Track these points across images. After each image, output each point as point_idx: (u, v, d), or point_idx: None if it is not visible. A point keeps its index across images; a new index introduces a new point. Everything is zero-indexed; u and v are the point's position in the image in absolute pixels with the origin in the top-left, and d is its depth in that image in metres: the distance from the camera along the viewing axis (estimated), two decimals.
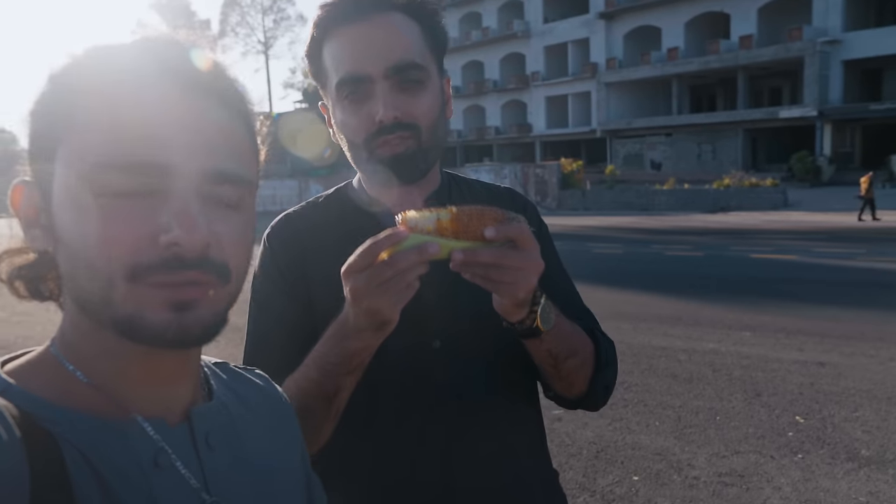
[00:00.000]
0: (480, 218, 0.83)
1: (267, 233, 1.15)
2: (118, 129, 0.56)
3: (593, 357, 1.10)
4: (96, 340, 0.60)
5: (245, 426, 0.72)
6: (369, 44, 1.00)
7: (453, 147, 46.38)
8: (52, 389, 0.60)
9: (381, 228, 1.04)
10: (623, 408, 4.70)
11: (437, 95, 1.07)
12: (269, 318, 1.10)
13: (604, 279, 10.04)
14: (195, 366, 0.68)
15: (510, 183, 28.18)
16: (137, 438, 0.61)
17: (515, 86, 42.43)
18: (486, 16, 44.37)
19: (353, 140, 1.05)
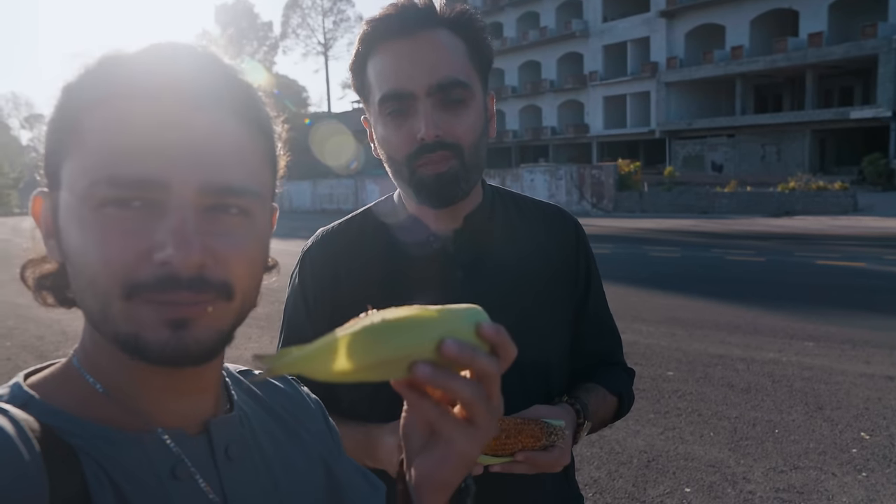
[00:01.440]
0: (518, 436, 0.93)
1: (303, 251, 1.17)
2: (118, 145, 0.55)
3: (615, 411, 1.22)
4: (111, 353, 0.60)
5: (267, 435, 0.71)
6: (413, 61, 1.00)
7: (508, 147, 46.20)
8: (73, 402, 0.60)
9: (417, 251, 1.08)
10: (676, 417, 4.60)
11: (480, 114, 1.05)
12: (293, 337, 1.15)
13: (660, 283, 9.83)
14: (215, 377, 0.67)
15: (565, 184, 27.88)
16: (156, 450, 0.60)
17: (573, 85, 41.92)
18: (544, 15, 44.00)
19: (394, 157, 1.04)
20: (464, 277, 1.09)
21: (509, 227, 1.16)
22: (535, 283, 1.13)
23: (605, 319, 1.26)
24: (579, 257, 1.20)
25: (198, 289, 0.55)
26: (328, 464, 0.78)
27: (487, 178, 1.19)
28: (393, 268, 1.10)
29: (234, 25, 51.30)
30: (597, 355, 1.24)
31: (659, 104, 37.72)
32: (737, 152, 35.64)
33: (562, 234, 1.19)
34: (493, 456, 0.93)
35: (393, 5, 1.03)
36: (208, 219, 0.56)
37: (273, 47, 53.21)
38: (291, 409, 0.77)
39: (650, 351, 6.27)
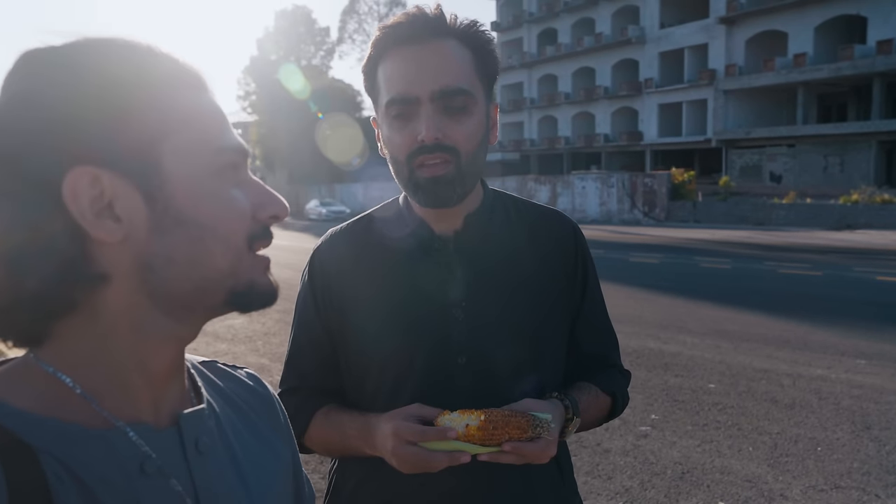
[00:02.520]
0: (505, 427, 0.98)
1: (312, 252, 1.24)
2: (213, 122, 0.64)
3: (608, 410, 1.26)
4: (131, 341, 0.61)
5: (233, 429, 0.72)
6: (419, 67, 1.05)
7: (560, 154, 45.87)
8: (33, 401, 0.59)
9: (419, 250, 1.16)
10: (715, 429, 4.52)
11: (481, 122, 1.10)
12: (303, 335, 1.22)
13: (708, 295, 9.63)
14: (183, 364, 0.69)
15: (617, 192, 27.53)
16: (123, 446, 0.60)
17: (627, 92, 41.35)
18: (599, 21, 43.56)
19: (396, 157, 1.09)
20: (462, 275, 1.14)
21: (508, 229, 1.20)
22: (531, 282, 1.17)
23: (601, 322, 1.29)
24: (577, 260, 1.23)
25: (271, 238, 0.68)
26: (293, 461, 0.81)
27: (537, 183, 1.24)
28: (396, 267, 1.15)
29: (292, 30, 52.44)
30: (592, 357, 1.27)
31: (716, 112, 36.86)
32: (797, 163, 34.52)
33: (560, 237, 1.23)
34: (480, 446, 0.98)
35: (405, 14, 1.09)
36: None
37: (329, 52, 54.10)
38: (254, 403, 0.79)
39: (693, 363, 6.16)
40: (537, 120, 47.86)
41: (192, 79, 0.64)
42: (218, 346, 7.08)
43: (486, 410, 0.99)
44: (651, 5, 40.42)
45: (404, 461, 0.99)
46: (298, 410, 1.18)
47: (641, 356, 6.42)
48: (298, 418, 1.17)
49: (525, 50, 48.58)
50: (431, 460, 0.97)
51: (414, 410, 1.02)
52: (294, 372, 1.23)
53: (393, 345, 1.12)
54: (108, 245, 0.58)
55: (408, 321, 1.12)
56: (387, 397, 1.10)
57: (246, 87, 52.82)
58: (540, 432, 0.99)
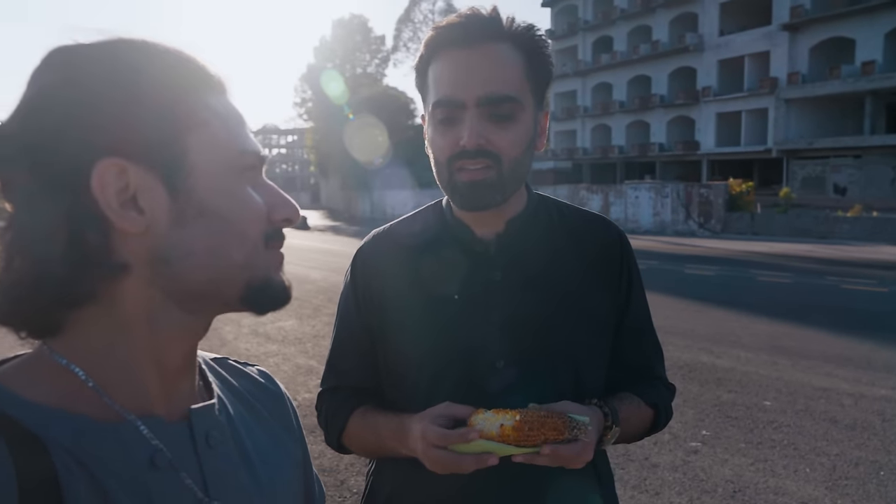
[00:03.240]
0: (541, 428, 0.95)
1: (355, 252, 1.25)
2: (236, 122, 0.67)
3: (650, 423, 1.23)
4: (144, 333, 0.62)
5: (244, 425, 0.73)
6: (468, 71, 1.04)
7: (613, 163, 45.25)
8: (46, 392, 0.59)
9: (460, 252, 1.15)
10: (769, 448, 4.37)
11: (527, 130, 1.08)
12: (346, 337, 1.23)
13: (765, 310, 9.33)
14: (196, 360, 0.70)
15: (671, 202, 26.95)
16: (133, 439, 0.61)
17: (684, 101, 40.50)
18: (656, 29, 42.86)
19: (438, 158, 1.10)
20: (502, 279, 1.13)
21: (550, 233, 1.19)
22: (573, 288, 1.15)
23: (646, 333, 1.26)
24: (622, 268, 1.21)
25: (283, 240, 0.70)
26: (304, 459, 0.82)
27: (589, 192, 1.24)
28: (436, 268, 1.15)
29: (349, 38, 53.35)
30: (635, 368, 1.24)
31: (777, 122, 35.76)
32: (863, 174, 33.17)
33: (604, 244, 1.21)
34: (515, 446, 0.95)
35: (460, 14, 1.08)
36: None
37: (384, 60, 54.84)
38: (265, 400, 0.79)
39: (747, 378, 5.98)
40: (590, 128, 47.33)
41: (216, 82, 0.66)
42: (269, 346, 7.23)
43: (521, 410, 0.97)
44: (710, 12, 39.56)
45: (433, 464, 0.99)
46: (337, 410, 1.19)
47: (693, 370, 6.26)
48: (337, 418, 1.19)
49: (579, 58, 48.17)
50: (460, 463, 0.97)
51: (443, 410, 1.01)
52: (334, 371, 1.24)
53: (431, 346, 1.12)
54: (130, 236, 0.60)
55: (446, 323, 1.12)
56: (423, 398, 1.10)
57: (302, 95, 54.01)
58: (577, 434, 0.97)
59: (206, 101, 0.64)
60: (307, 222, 34.76)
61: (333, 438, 1.21)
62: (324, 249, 19.54)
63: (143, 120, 0.60)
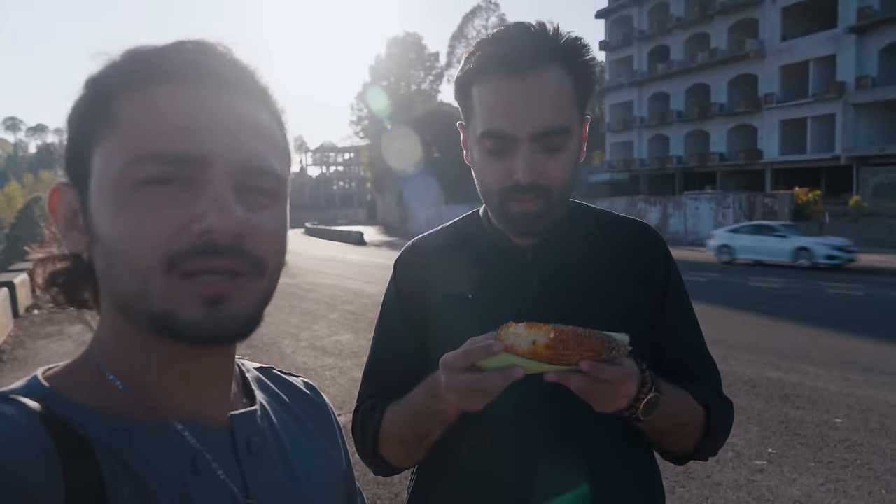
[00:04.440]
0: (577, 347, 0.84)
1: (396, 259, 1.25)
2: (158, 125, 0.57)
3: (702, 426, 1.12)
4: (134, 344, 0.61)
5: (287, 433, 0.72)
6: (519, 105, 1.01)
7: (671, 174, 44.33)
8: (90, 395, 0.60)
9: (498, 260, 1.14)
10: (841, 468, 4.17)
11: (575, 153, 1.08)
12: (387, 343, 1.21)
13: (835, 323, 8.95)
14: (231, 369, 0.69)
15: (733, 212, 26.20)
16: (176, 443, 0.61)
17: (745, 109, 39.39)
18: (714, 36, 41.92)
19: (489, 185, 1.08)
20: (539, 286, 1.13)
21: (588, 242, 1.18)
22: (611, 296, 1.13)
23: (691, 339, 1.20)
24: (659, 272, 1.18)
25: (236, 257, 0.57)
26: (347, 471, 0.81)
27: (647, 204, 1.21)
28: (475, 275, 1.15)
29: (403, 56, 54.15)
30: (679, 375, 1.14)
31: (846, 127, 34.38)
32: None
33: (641, 249, 1.18)
34: (548, 364, 0.85)
35: (507, 34, 1.04)
36: (243, 195, 0.59)
37: (438, 77, 55.36)
38: (309, 411, 0.78)
39: (816, 395, 5.73)
40: (647, 139, 46.54)
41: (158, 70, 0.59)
42: (326, 360, 7.35)
43: (555, 327, 0.85)
44: (771, 17, 38.48)
45: (458, 392, 0.89)
46: (370, 413, 1.16)
47: (758, 385, 6.05)
48: (371, 419, 1.15)
49: (635, 68, 47.54)
50: (485, 383, 0.86)
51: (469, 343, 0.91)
52: (372, 382, 1.21)
53: None
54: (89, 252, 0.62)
55: (484, 330, 1.07)
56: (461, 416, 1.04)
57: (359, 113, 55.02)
58: (615, 355, 0.86)
59: (122, 103, 0.58)
60: (363, 238, 35.29)
61: (370, 442, 1.15)
62: (379, 264, 19.77)
63: (70, 141, 0.62)
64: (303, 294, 12.89)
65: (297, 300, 12.05)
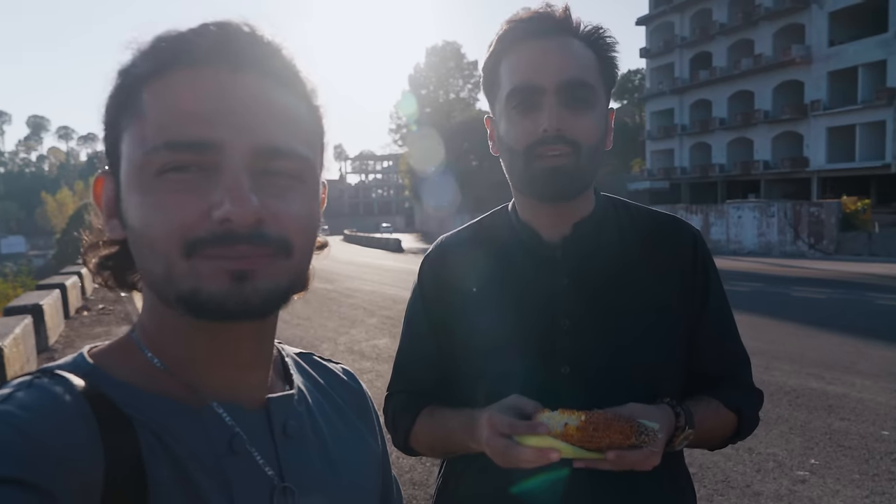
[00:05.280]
0: (607, 430, 0.92)
1: (422, 259, 1.27)
2: (172, 112, 0.57)
3: (733, 429, 1.17)
4: (169, 323, 0.63)
5: (324, 417, 0.72)
6: (545, 57, 1.05)
7: (714, 182, 43.57)
8: (133, 374, 0.61)
9: (527, 257, 1.14)
10: (888, 481, 4.06)
11: (602, 119, 1.08)
12: (411, 338, 1.24)
13: (883, 334, 8.68)
14: (269, 352, 0.69)
15: (778, 222, 25.59)
16: (213, 423, 0.62)
17: (790, 116, 38.53)
18: (759, 42, 41.14)
19: (514, 147, 1.07)
20: (570, 284, 1.11)
21: (619, 236, 1.16)
22: (643, 292, 1.12)
23: (727, 338, 1.20)
24: (696, 270, 1.16)
25: (256, 243, 0.57)
26: (384, 458, 0.82)
27: (688, 212, 1.22)
28: (502, 273, 1.15)
29: (442, 65, 54.48)
30: (717, 374, 1.18)
31: None
32: None
33: (676, 246, 1.16)
34: (579, 448, 0.92)
35: (533, 10, 1.08)
36: (262, 180, 0.59)
37: (477, 85, 55.40)
38: (347, 397, 0.79)
39: (862, 406, 5.58)
40: (689, 147, 45.87)
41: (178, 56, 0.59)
42: (363, 364, 7.44)
43: (587, 412, 0.93)
44: (818, 22, 37.60)
45: (495, 452, 0.97)
46: (404, 410, 1.19)
47: (801, 396, 5.91)
48: (404, 417, 1.19)
49: (676, 75, 46.95)
50: (520, 455, 0.93)
51: (512, 402, 0.99)
52: (401, 375, 1.25)
53: (496, 350, 1.11)
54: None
55: (512, 327, 1.11)
56: (487, 402, 1.06)
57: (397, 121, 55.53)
58: (644, 440, 0.92)
59: (147, 90, 0.59)
60: (401, 245, 35.49)
61: (401, 438, 1.21)
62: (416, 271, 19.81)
63: (106, 132, 0.63)
64: (341, 299, 13.04)
65: (335, 305, 12.20)
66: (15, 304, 8.49)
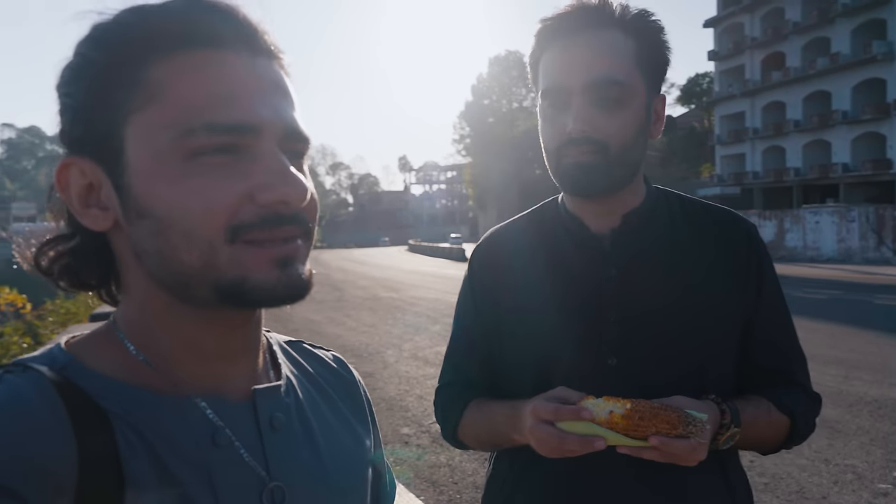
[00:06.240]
0: (653, 419, 0.90)
1: (473, 249, 1.28)
2: (206, 94, 0.55)
3: (786, 434, 1.13)
4: (160, 315, 0.60)
5: (313, 408, 0.70)
6: (574, 57, 1.04)
7: (788, 186, 41.86)
8: (111, 366, 0.59)
9: (574, 249, 1.15)
10: None
11: (637, 115, 1.06)
12: (461, 331, 1.26)
13: None
14: (257, 340, 0.67)
15: (859, 227, 24.38)
16: (195, 416, 0.60)
17: (872, 116, 36.62)
18: (835, 40, 39.37)
19: (547, 147, 1.09)
20: (617, 276, 1.11)
21: (670, 229, 1.14)
22: (693, 286, 1.10)
23: (782, 336, 1.17)
24: (751, 266, 1.14)
25: (298, 224, 0.58)
26: (375, 447, 0.80)
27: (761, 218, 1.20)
28: (550, 265, 1.16)
29: (505, 74, 54.54)
30: (769, 373, 1.15)
31: None
32: None
33: (731, 240, 1.14)
34: (623, 436, 0.91)
35: (570, 4, 1.07)
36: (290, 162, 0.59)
37: None
38: (337, 386, 0.77)
39: None
40: (761, 151, 44.22)
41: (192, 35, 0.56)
42: (427, 370, 7.51)
43: (633, 400, 0.92)
44: None
45: (538, 440, 0.97)
46: (452, 402, 1.21)
47: (883, 406, 5.63)
48: (452, 409, 1.20)
49: (747, 77, 45.45)
50: (564, 441, 0.93)
51: (558, 393, 0.99)
52: (451, 367, 1.26)
53: (543, 341, 1.11)
54: (109, 230, 0.60)
55: (559, 319, 1.11)
56: (535, 394, 1.04)
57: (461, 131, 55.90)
58: (692, 431, 0.90)
59: (157, 70, 0.56)
60: (465, 254, 35.57)
61: (449, 430, 1.22)
62: None
63: (84, 111, 0.57)
64: (406, 307, 13.20)
65: (400, 313, 12.37)
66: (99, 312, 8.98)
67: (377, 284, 19.38)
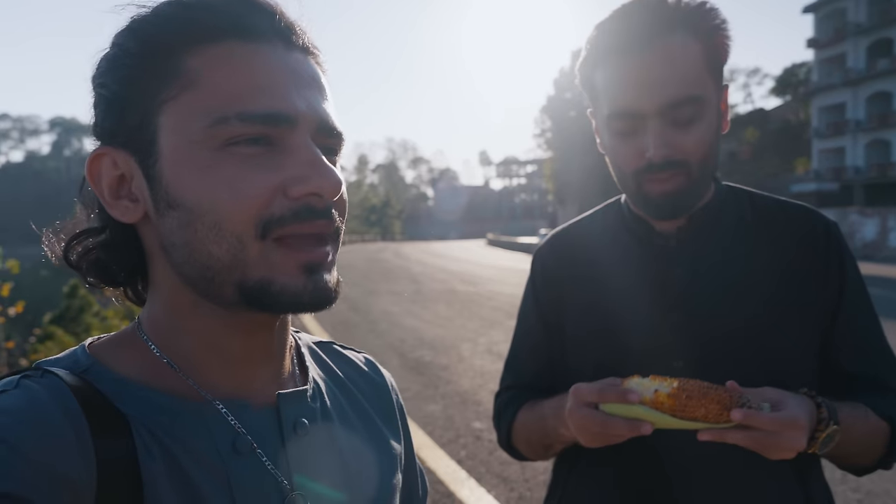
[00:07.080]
0: (701, 399, 0.83)
1: (535, 251, 1.25)
2: (241, 83, 0.55)
3: (885, 443, 1.03)
4: (192, 319, 0.59)
5: (340, 413, 0.69)
6: (643, 79, 0.97)
7: (849, 187, 39.16)
8: (134, 370, 0.58)
9: (640, 248, 1.10)
10: None
11: (712, 122, 1.01)
12: (523, 335, 1.24)
13: None
14: (284, 343, 0.66)
15: None
16: (217, 422, 0.58)
17: None
18: None
19: (622, 169, 1.04)
20: (683, 275, 1.07)
21: (739, 227, 1.09)
22: (764, 286, 1.05)
23: (870, 339, 1.09)
24: (829, 264, 1.07)
25: (330, 219, 0.57)
26: (406, 452, 0.77)
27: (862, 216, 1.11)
28: (616, 265, 1.13)
29: None
30: (859, 378, 1.07)
31: None
32: None
33: (806, 237, 1.08)
34: (671, 417, 0.84)
35: (624, 10, 1.00)
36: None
37: None
38: (366, 389, 0.75)
39: None
40: (864, 144, 41.53)
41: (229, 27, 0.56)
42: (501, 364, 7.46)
43: (680, 378, 0.85)
44: None
45: (579, 425, 0.91)
46: (508, 405, 1.19)
47: None
48: (507, 413, 1.18)
49: (849, 66, 42.75)
50: (608, 425, 0.87)
51: (607, 381, 0.92)
52: (510, 371, 1.24)
53: (607, 343, 1.08)
54: (139, 223, 0.59)
55: (623, 320, 1.08)
56: None
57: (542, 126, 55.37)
58: (750, 406, 0.83)
59: (194, 59, 0.55)
60: None
61: (504, 435, 1.19)
62: None
63: (120, 100, 0.57)
64: (483, 301, 13.20)
65: (476, 307, 12.38)
66: None
67: (454, 278, 19.47)
